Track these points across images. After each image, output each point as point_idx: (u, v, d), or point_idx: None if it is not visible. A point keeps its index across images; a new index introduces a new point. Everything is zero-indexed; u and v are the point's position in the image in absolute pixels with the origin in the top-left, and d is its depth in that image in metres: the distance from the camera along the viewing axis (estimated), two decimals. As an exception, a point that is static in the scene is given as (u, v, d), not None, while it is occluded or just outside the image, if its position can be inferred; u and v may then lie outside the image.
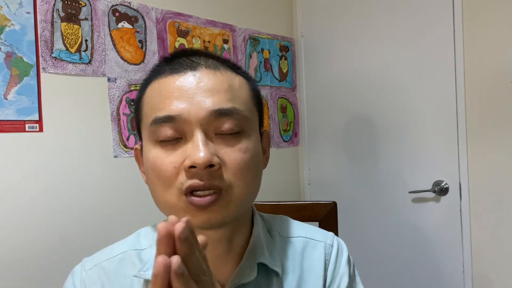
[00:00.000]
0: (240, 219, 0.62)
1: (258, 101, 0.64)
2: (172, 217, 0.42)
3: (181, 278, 0.39)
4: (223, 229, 0.59)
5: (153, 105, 0.58)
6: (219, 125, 0.56)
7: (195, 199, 0.54)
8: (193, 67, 0.58)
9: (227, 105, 0.56)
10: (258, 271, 0.60)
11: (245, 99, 0.60)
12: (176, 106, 0.55)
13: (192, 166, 0.53)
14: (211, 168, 0.54)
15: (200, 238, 0.44)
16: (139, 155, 0.64)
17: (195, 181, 0.54)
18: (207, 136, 0.55)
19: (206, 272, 0.44)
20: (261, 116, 0.65)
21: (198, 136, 0.54)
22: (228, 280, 0.60)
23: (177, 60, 0.60)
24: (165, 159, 0.56)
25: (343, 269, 0.67)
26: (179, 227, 0.40)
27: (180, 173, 0.55)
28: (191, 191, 0.54)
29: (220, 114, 0.55)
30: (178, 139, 0.56)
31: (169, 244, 0.40)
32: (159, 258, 0.39)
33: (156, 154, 0.57)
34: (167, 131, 0.55)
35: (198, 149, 0.53)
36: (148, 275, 0.59)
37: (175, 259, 0.39)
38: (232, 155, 0.56)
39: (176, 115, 0.55)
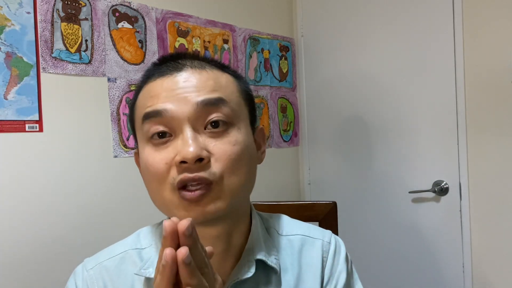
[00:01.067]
0: (236, 215, 0.63)
1: (247, 97, 0.65)
2: (175, 218, 0.45)
3: (189, 268, 0.43)
4: (220, 224, 0.60)
5: (142, 106, 0.60)
6: (207, 116, 0.57)
7: (186, 193, 0.55)
8: (179, 69, 0.60)
9: (212, 95, 0.58)
10: (256, 268, 0.61)
11: (232, 93, 0.61)
12: (164, 103, 0.57)
13: (182, 162, 0.55)
14: (201, 162, 0.55)
15: (208, 248, 0.49)
16: (138, 159, 0.66)
17: (185, 175, 0.55)
18: (196, 131, 0.57)
19: (208, 265, 0.47)
20: (253, 112, 0.66)
21: (187, 132, 0.56)
22: (228, 277, 0.61)
23: (164, 64, 0.62)
24: (156, 156, 0.57)
25: (341, 266, 0.68)
26: (183, 224, 0.44)
27: (172, 168, 0.56)
28: (183, 186, 0.56)
29: (206, 104, 0.57)
30: (168, 137, 0.57)
31: (174, 239, 0.44)
32: (167, 250, 0.43)
33: (148, 153, 0.58)
34: (157, 128, 0.57)
35: (187, 144, 0.55)
36: (149, 273, 0.61)
37: (184, 250, 0.43)
38: (222, 147, 0.57)
39: (163, 109, 0.57)
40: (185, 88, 0.58)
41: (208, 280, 0.46)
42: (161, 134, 0.57)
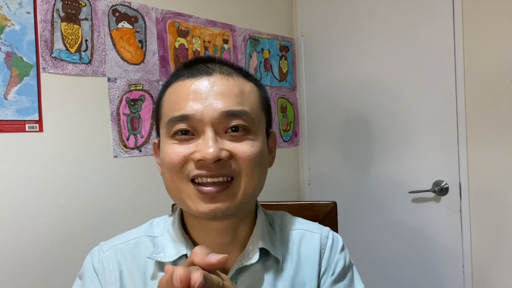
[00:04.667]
0: (244, 212, 0.67)
1: (266, 106, 0.70)
2: (169, 267, 0.43)
3: None
4: (228, 219, 0.65)
5: (170, 105, 0.64)
6: (228, 123, 0.62)
7: (203, 188, 0.60)
8: (208, 73, 0.64)
9: (237, 108, 0.62)
10: (260, 256, 0.66)
11: (254, 104, 0.66)
12: (191, 107, 0.61)
13: (201, 159, 0.60)
14: (219, 161, 0.60)
15: (223, 256, 0.47)
16: (156, 149, 0.71)
17: (202, 172, 0.60)
18: (217, 134, 0.61)
19: None
20: (269, 120, 0.71)
21: (209, 133, 0.60)
22: (233, 265, 0.66)
23: (195, 66, 0.67)
24: (176, 148, 0.62)
25: (338, 256, 0.73)
26: (196, 278, 0.41)
27: (189, 163, 0.61)
28: (198, 182, 0.61)
29: (230, 115, 0.62)
30: (191, 136, 0.62)
31: None
32: None
33: (169, 146, 0.63)
34: (181, 126, 0.62)
35: (207, 145, 0.59)
36: (160, 257, 0.66)
37: None
38: (241, 148, 0.62)
39: (190, 114, 0.61)
40: (212, 95, 0.62)
41: None
42: (184, 132, 0.62)
